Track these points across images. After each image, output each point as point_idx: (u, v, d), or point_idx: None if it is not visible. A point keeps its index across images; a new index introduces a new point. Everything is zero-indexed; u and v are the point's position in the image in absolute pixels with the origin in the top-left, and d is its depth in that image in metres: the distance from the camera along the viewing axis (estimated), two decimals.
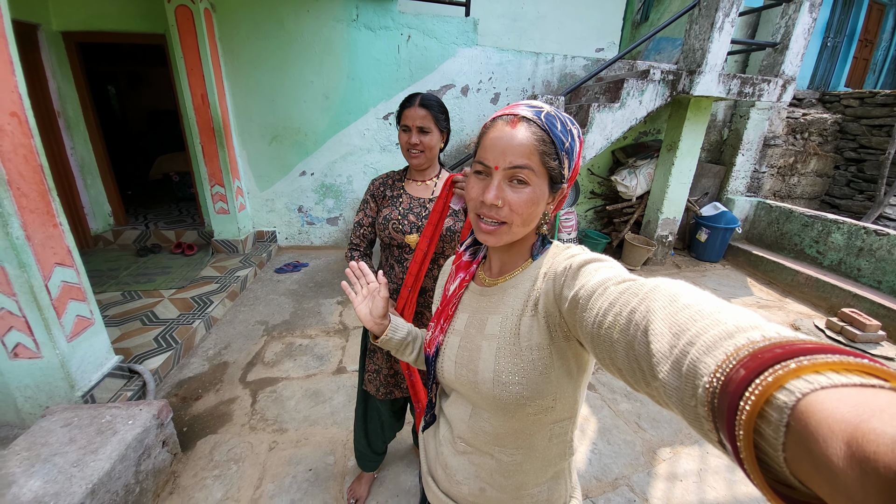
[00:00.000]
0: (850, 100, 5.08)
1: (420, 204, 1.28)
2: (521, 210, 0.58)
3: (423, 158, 1.23)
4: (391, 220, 1.26)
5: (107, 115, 6.86)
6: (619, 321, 0.39)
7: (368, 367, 1.41)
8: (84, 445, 1.39)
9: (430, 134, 1.20)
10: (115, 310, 2.77)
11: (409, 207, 1.27)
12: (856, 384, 0.22)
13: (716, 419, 0.27)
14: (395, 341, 0.83)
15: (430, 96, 1.21)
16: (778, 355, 0.25)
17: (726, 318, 0.30)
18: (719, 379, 0.27)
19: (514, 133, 0.57)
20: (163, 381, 2.25)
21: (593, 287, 0.46)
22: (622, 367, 0.39)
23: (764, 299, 3.69)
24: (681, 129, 3.83)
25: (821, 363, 0.23)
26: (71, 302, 1.69)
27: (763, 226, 4.59)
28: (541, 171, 0.57)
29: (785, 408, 0.23)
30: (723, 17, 3.12)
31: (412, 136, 1.20)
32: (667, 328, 0.34)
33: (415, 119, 1.18)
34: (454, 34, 3.94)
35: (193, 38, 3.30)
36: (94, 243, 4.04)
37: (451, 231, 1.21)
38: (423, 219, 1.25)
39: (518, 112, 0.58)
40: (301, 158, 4.13)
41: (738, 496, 1.69)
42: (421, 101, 1.19)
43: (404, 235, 1.25)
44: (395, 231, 1.25)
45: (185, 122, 3.83)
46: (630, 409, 2.18)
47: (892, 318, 3.02)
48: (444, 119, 1.23)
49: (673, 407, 0.32)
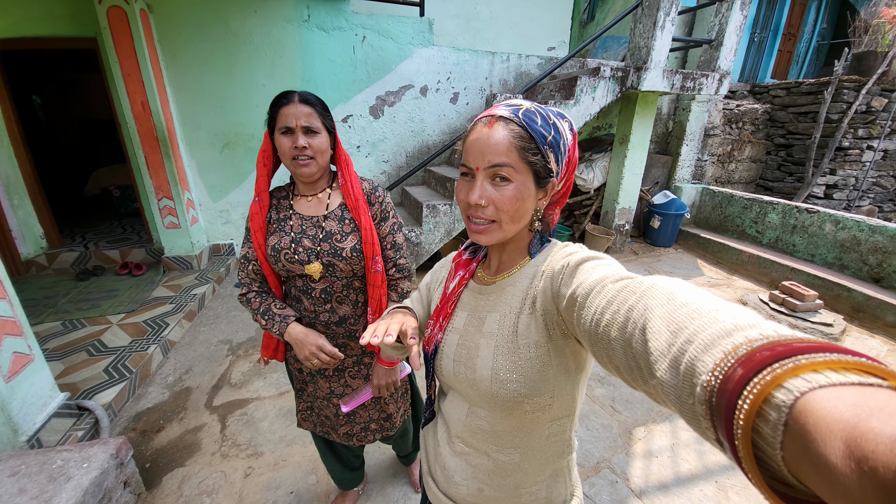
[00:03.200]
0: (778, 90, 5.54)
1: (314, 224, 1.07)
2: (507, 207, 0.59)
3: (314, 166, 1.02)
4: (281, 249, 1.05)
5: (33, 127, 6.24)
6: (617, 319, 0.39)
7: (299, 406, 1.31)
8: (36, 496, 1.25)
9: (319, 135, 1.01)
10: (55, 342, 2.51)
11: (301, 231, 1.07)
12: (854, 383, 0.22)
13: (714, 418, 0.27)
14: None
15: (310, 93, 1.01)
16: (776, 354, 0.25)
17: (724, 317, 0.31)
18: (717, 377, 0.27)
19: (492, 133, 0.58)
20: (118, 416, 2.07)
21: (591, 285, 0.46)
22: (620, 365, 0.39)
23: (714, 278, 3.96)
24: (631, 122, 4.02)
25: (819, 362, 0.23)
26: (6, 338, 1.52)
27: (708, 210, 4.92)
28: (522, 167, 0.58)
29: (783, 407, 0.23)
30: (664, 16, 3.30)
31: (297, 138, 0.98)
32: (664, 326, 0.34)
33: (298, 117, 0.97)
34: (410, 34, 3.91)
35: (129, 41, 3.06)
36: (25, 269, 3.65)
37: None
38: (320, 242, 1.06)
39: (496, 112, 0.59)
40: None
41: (709, 465, 1.80)
42: (301, 96, 0.99)
43: (302, 266, 1.06)
44: (289, 262, 1.06)
45: (124, 131, 3.55)
46: (605, 393, 2.26)
47: (828, 287, 3.33)
48: (329, 118, 1.04)
49: (671, 405, 0.32)
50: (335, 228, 1.08)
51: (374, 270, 1.10)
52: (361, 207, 1.08)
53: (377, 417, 1.30)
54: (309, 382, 1.25)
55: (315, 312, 1.12)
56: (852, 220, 3.51)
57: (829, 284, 3.34)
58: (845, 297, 3.22)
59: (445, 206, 3.28)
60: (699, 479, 1.73)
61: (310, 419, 1.32)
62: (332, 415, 1.27)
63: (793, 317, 2.95)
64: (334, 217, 1.10)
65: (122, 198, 4.94)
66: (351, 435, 1.30)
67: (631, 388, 0.40)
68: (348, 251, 1.07)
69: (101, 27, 2.99)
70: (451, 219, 3.33)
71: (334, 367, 1.20)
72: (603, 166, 4.50)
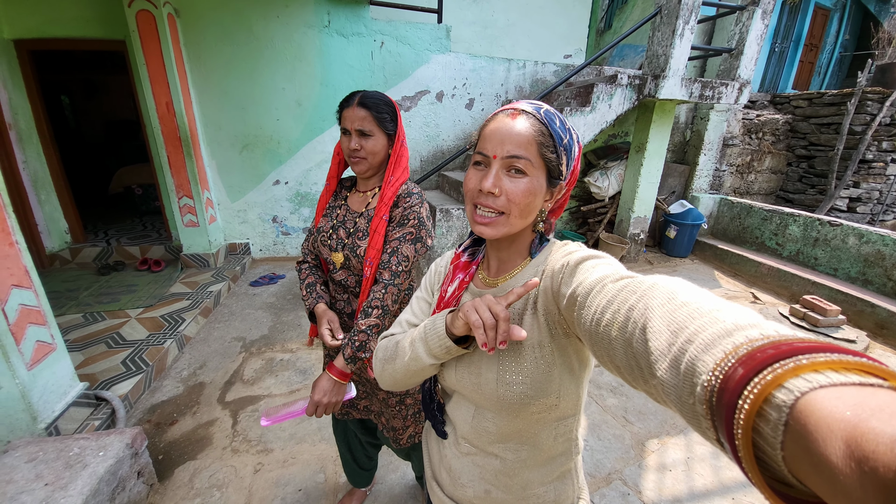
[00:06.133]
0: (800, 101, 5.44)
1: (353, 218, 1.14)
2: (518, 200, 0.58)
3: (364, 165, 1.08)
4: (322, 232, 1.15)
5: (61, 126, 6.46)
6: (618, 319, 0.39)
7: None
8: (52, 481, 1.28)
9: (372, 138, 1.05)
10: (76, 333, 2.58)
11: (341, 221, 1.15)
12: (854, 383, 0.22)
13: (714, 417, 0.27)
14: None
15: (373, 94, 1.05)
16: (776, 354, 0.25)
17: (725, 316, 0.30)
18: (718, 377, 0.27)
19: (514, 124, 0.58)
20: (133, 407, 2.11)
21: (591, 284, 0.46)
22: (620, 364, 0.39)
23: (732, 290, 3.87)
24: (648, 131, 3.99)
25: (820, 362, 0.23)
26: (30, 326, 1.56)
27: (726, 221, 4.83)
28: (538, 163, 0.58)
29: (784, 407, 0.23)
30: (683, 24, 3.28)
31: (352, 140, 1.05)
32: (665, 326, 0.34)
33: (353, 121, 1.03)
34: (427, 41, 3.95)
35: (157, 44, 3.16)
36: (49, 263, 3.77)
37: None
38: (351, 235, 1.11)
39: (518, 106, 0.60)
40: (274, 167, 4.02)
41: (725, 481, 1.74)
42: (360, 99, 1.03)
43: (330, 252, 1.13)
44: (322, 245, 1.15)
45: (148, 131, 3.65)
46: (617, 403, 2.22)
47: (850, 303, 3.23)
48: (389, 120, 1.06)
49: (671, 405, 0.32)
50: (362, 227, 1.11)
51: (371, 276, 1.08)
52: (380, 209, 1.08)
53: (387, 419, 1.26)
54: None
55: (336, 299, 1.18)
56: (877, 234, 3.40)
57: (851, 300, 3.23)
58: (869, 313, 3.12)
59: (458, 211, 3.29)
60: (714, 495, 1.68)
61: None
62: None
63: (814, 332, 2.87)
64: (366, 216, 1.13)
65: (144, 196, 5.07)
66: (370, 410, 1.30)
67: (631, 387, 0.39)
68: (362, 251, 1.09)
69: (129, 30, 3.10)
70: (463, 223, 3.34)
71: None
72: (618, 174, 4.46)
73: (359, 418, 1.36)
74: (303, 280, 1.21)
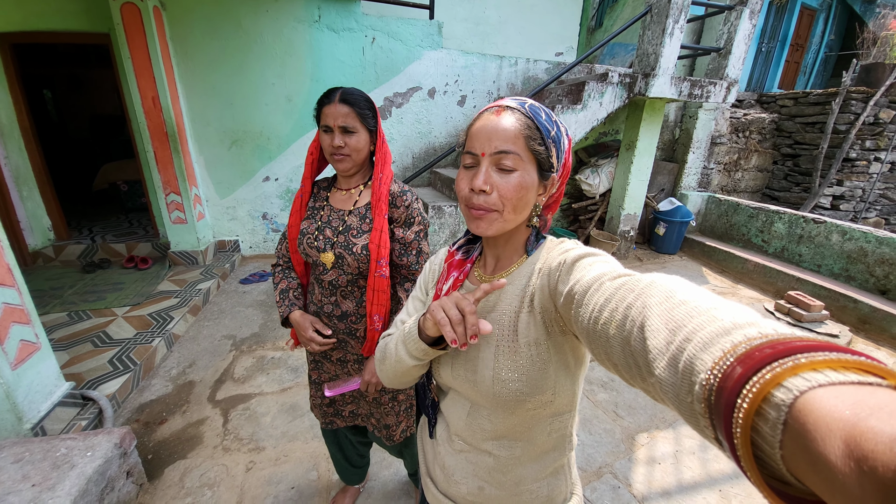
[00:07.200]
0: (786, 100, 5.53)
1: (339, 217, 1.12)
2: (510, 195, 0.58)
3: (348, 163, 1.07)
4: (306, 234, 1.13)
5: (43, 121, 6.30)
6: (616, 317, 0.39)
7: (311, 391, 1.34)
8: (39, 482, 1.26)
9: (356, 134, 1.04)
10: (61, 332, 2.53)
11: (326, 221, 1.13)
12: (853, 382, 0.22)
13: (712, 416, 0.27)
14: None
15: (353, 90, 1.04)
16: (775, 352, 0.25)
17: (723, 315, 0.30)
18: (716, 376, 0.27)
19: (500, 120, 0.58)
20: (121, 407, 2.08)
21: (588, 282, 0.46)
22: (618, 362, 0.39)
23: (719, 286, 3.94)
24: (638, 129, 4.02)
25: (818, 361, 0.23)
26: (14, 325, 1.53)
27: (714, 218, 4.90)
28: (527, 157, 0.58)
29: (782, 405, 0.23)
30: (673, 23, 3.31)
31: (335, 137, 1.03)
32: (663, 324, 0.34)
33: (336, 118, 1.01)
34: (419, 37, 3.93)
35: (142, 37, 3.09)
36: (32, 261, 3.68)
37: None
38: (341, 233, 1.10)
39: (503, 103, 0.60)
40: (264, 163, 3.97)
41: (713, 474, 1.78)
42: (342, 96, 1.02)
43: (319, 253, 1.11)
44: (309, 247, 1.12)
45: (134, 126, 3.58)
46: (607, 398, 2.25)
47: (834, 298, 3.31)
48: (370, 117, 1.06)
49: (669, 403, 0.32)
50: (354, 224, 1.11)
51: (379, 275, 1.07)
52: (379, 207, 1.08)
53: (378, 418, 1.28)
54: (314, 368, 1.28)
55: (321, 302, 1.16)
56: (859, 231, 3.49)
57: (835, 295, 3.31)
58: (851, 309, 3.20)
59: (451, 208, 3.29)
60: (703, 487, 1.71)
61: (315, 409, 1.32)
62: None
63: (798, 327, 2.93)
64: (357, 213, 1.12)
65: (129, 192, 4.97)
66: (356, 415, 1.30)
67: (629, 385, 0.40)
68: (359, 248, 1.07)
69: (114, 23, 3.03)
70: (456, 220, 3.34)
71: (336, 354, 1.21)
72: (609, 172, 4.50)
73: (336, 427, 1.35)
74: (276, 284, 1.22)
